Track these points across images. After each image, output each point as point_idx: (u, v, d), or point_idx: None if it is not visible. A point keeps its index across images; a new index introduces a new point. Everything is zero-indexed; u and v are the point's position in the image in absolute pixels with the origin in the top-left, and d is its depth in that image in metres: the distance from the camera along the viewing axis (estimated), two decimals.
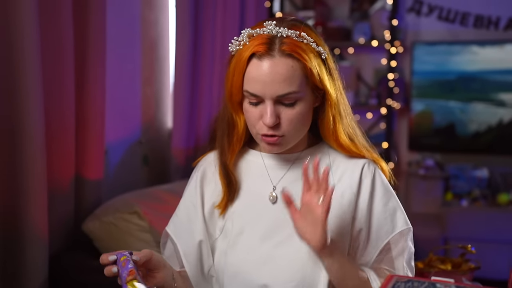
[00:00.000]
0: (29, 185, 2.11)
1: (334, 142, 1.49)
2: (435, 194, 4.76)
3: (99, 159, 2.62)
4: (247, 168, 1.57)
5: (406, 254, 1.49)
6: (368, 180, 1.50)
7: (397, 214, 1.50)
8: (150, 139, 3.44)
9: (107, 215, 2.48)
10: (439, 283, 1.00)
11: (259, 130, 1.42)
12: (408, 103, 4.99)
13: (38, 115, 2.11)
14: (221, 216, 1.55)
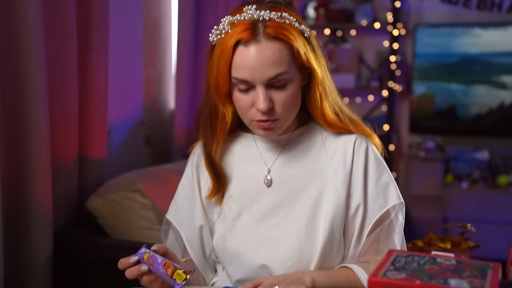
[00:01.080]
0: (34, 164, 2.13)
1: (321, 120, 1.50)
2: (435, 176, 4.77)
3: (102, 139, 2.64)
4: (240, 152, 1.58)
5: (397, 227, 1.50)
6: (361, 155, 1.50)
7: (389, 189, 1.50)
8: (152, 119, 3.45)
9: (111, 193, 2.51)
10: (439, 257, 1.01)
11: (253, 117, 1.42)
12: (409, 86, 5.00)
13: (42, 95, 2.12)
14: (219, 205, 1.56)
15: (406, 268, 0.94)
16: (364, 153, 1.50)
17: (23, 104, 2.08)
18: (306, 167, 1.52)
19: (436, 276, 0.90)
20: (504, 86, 4.73)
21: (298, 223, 1.46)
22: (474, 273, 0.92)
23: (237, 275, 1.50)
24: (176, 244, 1.60)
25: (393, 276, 0.90)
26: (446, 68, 4.86)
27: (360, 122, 1.55)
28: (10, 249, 2.08)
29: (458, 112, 4.86)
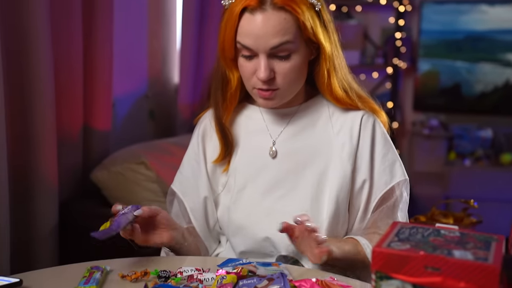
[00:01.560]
0: (39, 135, 2.14)
1: (329, 95, 1.50)
2: (439, 154, 4.78)
3: (107, 111, 2.65)
4: (246, 124, 1.58)
5: (402, 203, 1.51)
6: (368, 131, 1.50)
7: (395, 165, 1.51)
8: (156, 93, 3.45)
9: (115, 165, 2.52)
10: (443, 229, 1.02)
11: (254, 85, 1.42)
12: (414, 63, 4.98)
13: (48, 67, 2.13)
14: (224, 172, 1.57)
15: (410, 240, 0.95)
16: (371, 129, 1.51)
17: (29, 77, 2.09)
18: (312, 140, 1.52)
19: (440, 247, 0.90)
20: (510, 64, 4.71)
21: (302, 197, 1.47)
22: (478, 244, 0.93)
23: (241, 247, 1.52)
24: (181, 214, 1.62)
25: (397, 247, 0.91)
26: (451, 45, 4.84)
27: (368, 98, 1.55)
28: (17, 220, 2.10)
29: (463, 89, 4.85)
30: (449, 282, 0.86)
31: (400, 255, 0.89)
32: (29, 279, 1.22)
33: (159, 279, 1.26)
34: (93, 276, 1.23)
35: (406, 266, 0.89)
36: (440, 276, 0.87)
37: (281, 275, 1.19)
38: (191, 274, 1.27)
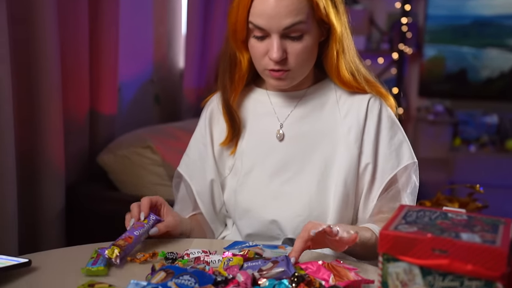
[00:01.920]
0: (46, 120, 2.15)
1: (336, 78, 1.49)
2: (443, 140, 4.78)
3: (113, 95, 2.65)
4: (253, 107, 1.58)
5: (410, 188, 1.50)
6: (374, 114, 1.50)
7: (402, 148, 1.50)
8: (161, 78, 3.45)
9: (121, 148, 2.53)
10: (450, 213, 1.02)
11: (265, 66, 1.42)
12: (420, 49, 4.96)
13: (54, 52, 2.14)
14: (231, 155, 1.57)
15: (417, 222, 0.95)
16: (378, 112, 1.50)
17: (36, 62, 2.10)
18: (319, 124, 1.52)
19: (448, 230, 0.91)
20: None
21: (309, 180, 1.47)
22: (485, 227, 0.93)
23: (248, 230, 1.52)
24: (187, 197, 1.62)
25: (404, 230, 0.91)
26: (458, 31, 4.82)
27: (376, 82, 1.54)
28: (24, 204, 2.12)
29: (469, 75, 4.84)
30: (456, 264, 0.87)
31: (408, 237, 0.90)
32: (37, 260, 1.23)
33: (166, 260, 1.27)
34: (101, 257, 1.23)
35: (414, 248, 0.89)
36: (447, 259, 0.87)
37: (285, 258, 1.20)
38: (198, 256, 1.28)
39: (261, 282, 1.12)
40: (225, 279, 1.13)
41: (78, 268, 1.20)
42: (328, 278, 1.14)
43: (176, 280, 1.09)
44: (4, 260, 1.17)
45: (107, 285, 1.09)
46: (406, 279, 0.91)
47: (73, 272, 1.19)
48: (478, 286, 0.86)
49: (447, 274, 0.88)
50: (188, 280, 1.10)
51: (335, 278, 1.14)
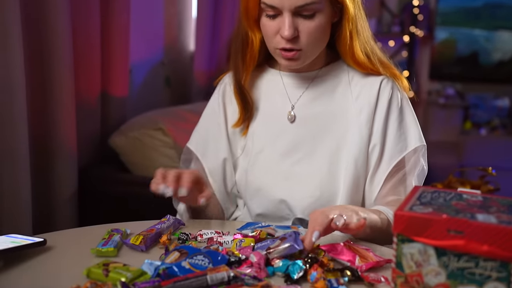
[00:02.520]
0: (58, 102, 2.16)
1: (350, 59, 1.48)
2: (454, 123, 4.76)
3: (124, 77, 2.66)
4: (266, 87, 1.58)
5: (417, 171, 1.50)
6: (386, 96, 1.49)
7: (411, 132, 1.49)
8: (172, 60, 3.44)
9: (133, 131, 2.54)
10: (466, 194, 1.02)
11: (276, 45, 1.41)
12: (431, 31, 4.93)
13: (66, 35, 2.14)
14: (243, 136, 1.57)
15: (432, 203, 0.95)
16: (389, 94, 1.49)
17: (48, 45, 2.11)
18: (331, 105, 1.52)
19: (463, 211, 0.91)
20: None
21: (320, 161, 1.47)
22: (501, 208, 0.93)
23: (258, 210, 1.53)
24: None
25: (419, 210, 0.91)
26: (470, 13, 4.77)
27: (390, 64, 1.53)
28: (38, 185, 2.13)
29: (480, 58, 4.80)
30: (472, 245, 0.87)
31: (423, 218, 0.90)
32: (52, 239, 1.24)
33: (178, 241, 1.27)
34: (112, 238, 1.24)
35: (429, 229, 0.89)
36: (463, 239, 0.87)
37: (293, 233, 1.20)
38: (211, 236, 1.28)
39: (275, 263, 1.13)
40: (239, 260, 1.14)
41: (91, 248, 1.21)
42: (354, 260, 1.14)
43: (190, 260, 1.09)
44: (20, 240, 1.19)
45: (121, 264, 1.10)
46: (421, 259, 0.91)
47: (87, 252, 1.20)
48: (494, 267, 0.87)
49: (462, 255, 0.88)
50: (202, 260, 1.11)
51: (361, 259, 1.14)
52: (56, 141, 2.18)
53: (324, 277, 1.07)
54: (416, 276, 0.92)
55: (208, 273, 1.02)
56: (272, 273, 1.12)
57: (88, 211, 2.36)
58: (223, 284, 1.02)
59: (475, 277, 0.88)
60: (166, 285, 0.99)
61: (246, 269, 1.10)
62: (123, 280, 1.02)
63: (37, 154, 2.13)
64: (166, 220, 1.36)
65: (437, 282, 0.90)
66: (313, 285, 1.06)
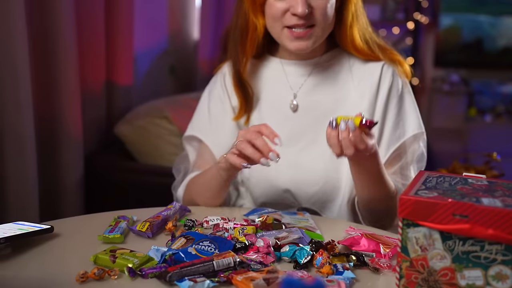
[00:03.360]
0: (63, 90, 2.16)
1: (350, 45, 1.49)
2: (459, 110, 4.76)
3: (129, 65, 2.66)
4: (266, 76, 1.57)
5: (417, 157, 1.51)
6: (387, 83, 1.50)
7: (411, 118, 1.50)
8: (176, 49, 3.44)
9: (138, 119, 2.54)
10: (471, 178, 1.02)
11: (287, 22, 1.40)
12: (436, 18, 4.90)
13: (70, 23, 2.14)
14: (245, 125, 1.57)
15: (437, 188, 0.96)
16: (390, 80, 1.50)
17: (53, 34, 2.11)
18: (333, 93, 1.52)
19: (468, 195, 0.91)
20: None
21: (323, 150, 1.46)
22: (506, 192, 0.93)
23: (262, 198, 1.53)
24: (208, 161, 1.58)
25: (424, 195, 0.92)
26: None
27: (391, 49, 1.53)
28: (45, 173, 2.14)
29: (485, 44, 4.79)
30: (477, 229, 0.87)
31: (428, 202, 0.90)
32: (59, 226, 1.25)
33: (184, 227, 1.28)
34: (118, 225, 1.25)
35: (434, 213, 0.90)
36: (468, 223, 0.88)
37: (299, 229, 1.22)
38: (217, 223, 1.29)
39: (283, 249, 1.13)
40: (245, 246, 1.15)
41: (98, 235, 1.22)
42: (378, 249, 1.15)
43: (196, 246, 1.10)
44: (27, 227, 1.20)
45: (128, 250, 1.11)
46: (426, 244, 0.92)
47: (94, 238, 1.21)
48: (499, 251, 0.87)
49: (467, 238, 0.89)
50: (208, 246, 1.12)
51: (384, 247, 1.15)
52: (62, 129, 2.19)
53: (330, 262, 1.08)
54: (422, 260, 0.92)
55: (214, 259, 1.03)
56: (279, 259, 1.13)
57: (94, 199, 2.37)
58: (230, 270, 1.03)
59: (481, 261, 0.88)
60: (172, 270, 1.00)
61: (253, 255, 1.11)
62: (130, 266, 1.03)
63: (43, 142, 2.14)
64: (172, 207, 1.37)
65: (442, 266, 0.91)
66: (319, 270, 1.07)
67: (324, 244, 1.14)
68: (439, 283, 0.91)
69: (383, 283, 1.06)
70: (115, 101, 2.63)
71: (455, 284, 0.90)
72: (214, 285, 0.99)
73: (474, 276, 0.89)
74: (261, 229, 1.26)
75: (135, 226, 1.25)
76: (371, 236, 1.19)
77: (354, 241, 1.18)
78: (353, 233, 1.22)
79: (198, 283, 0.97)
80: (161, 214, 1.31)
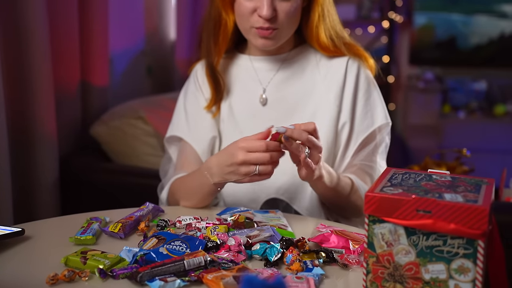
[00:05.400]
0: (37, 90, 2.14)
1: (315, 42, 1.54)
2: (433, 107, 4.81)
3: (104, 66, 2.65)
4: (236, 73, 1.62)
5: (382, 147, 1.56)
6: (352, 75, 1.55)
7: (378, 109, 1.55)
8: (153, 49, 3.43)
9: (114, 120, 2.53)
10: (435, 174, 1.04)
11: (254, 23, 1.45)
12: (410, 17, 4.95)
13: (43, 23, 2.13)
14: (214, 117, 1.60)
15: (402, 184, 0.98)
16: (356, 73, 1.55)
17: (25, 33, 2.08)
18: (301, 86, 1.57)
19: (432, 191, 0.93)
20: (505, 16, 4.69)
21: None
22: (468, 188, 0.95)
23: (231, 192, 1.54)
24: (193, 159, 1.60)
25: (389, 192, 0.94)
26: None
27: (355, 45, 1.58)
28: (18, 175, 2.13)
29: (458, 42, 4.84)
30: (439, 224, 0.89)
31: (393, 199, 0.92)
32: (31, 229, 1.25)
33: (157, 227, 1.29)
34: (91, 226, 1.25)
35: (398, 209, 0.92)
36: (431, 219, 0.90)
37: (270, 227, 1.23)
38: (189, 222, 1.30)
39: (254, 247, 1.15)
40: (216, 245, 1.16)
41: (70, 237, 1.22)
42: (348, 245, 1.17)
43: (168, 246, 1.11)
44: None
45: (99, 252, 1.11)
46: (392, 239, 0.94)
47: (66, 241, 1.21)
48: (461, 244, 0.89)
49: (430, 233, 0.91)
50: (179, 245, 1.12)
51: (353, 243, 1.17)
52: (36, 130, 2.17)
53: (300, 259, 1.10)
54: (387, 255, 0.94)
55: (185, 258, 1.04)
56: (250, 257, 1.14)
57: (70, 200, 2.36)
58: (201, 269, 1.04)
59: (444, 255, 0.90)
60: (143, 271, 1.00)
61: (224, 253, 1.13)
62: (100, 267, 1.04)
63: (17, 144, 2.13)
64: (145, 207, 1.38)
65: (407, 260, 0.93)
66: (289, 267, 1.08)
67: (295, 241, 1.16)
68: (404, 278, 0.93)
69: (351, 279, 1.08)
70: (91, 102, 2.61)
71: (420, 278, 0.92)
72: (185, 284, 1.00)
73: (438, 270, 0.91)
74: (233, 227, 1.27)
75: (107, 227, 1.26)
76: (341, 233, 1.21)
77: (324, 238, 1.19)
78: (323, 230, 1.25)
79: (169, 283, 0.98)
80: (133, 215, 1.32)
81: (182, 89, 1.71)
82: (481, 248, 0.88)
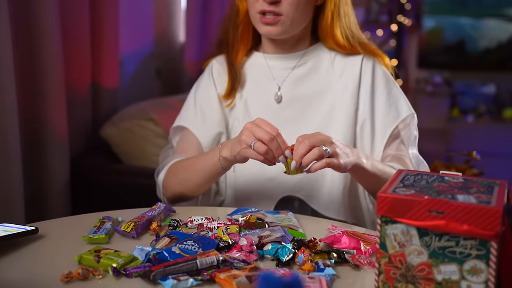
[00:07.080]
0: (49, 92, 2.16)
1: (331, 40, 1.55)
2: (442, 111, 4.80)
3: (115, 68, 2.66)
4: (251, 70, 1.63)
5: (412, 140, 1.56)
6: (368, 72, 1.56)
7: (400, 102, 1.56)
8: (162, 52, 3.45)
9: (124, 121, 2.55)
10: (447, 176, 1.04)
11: (258, 7, 1.47)
12: (419, 20, 4.95)
13: (55, 25, 2.14)
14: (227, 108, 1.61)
15: (415, 186, 0.98)
16: (371, 69, 1.56)
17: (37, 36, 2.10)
18: (316, 85, 1.58)
19: (444, 192, 0.93)
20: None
21: None
22: (481, 189, 0.96)
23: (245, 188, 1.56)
24: (193, 149, 1.62)
25: (402, 192, 0.94)
26: (456, 1, 4.80)
27: (371, 44, 1.59)
28: (30, 175, 2.14)
29: (467, 46, 4.84)
30: (452, 225, 0.89)
31: (405, 199, 0.92)
32: (44, 228, 1.26)
33: (168, 227, 1.30)
34: (103, 225, 1.26)
35: (411, 210, 0.92)
36: (443, 220, 0.90)
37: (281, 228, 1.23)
38: (201, 222, 1.31)
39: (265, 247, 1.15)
40: (228, 244, 1.16)
41: (83, 236, 1.23)
42: (359, 246, 1.17)
43: (180, 245, 1.12)
44: (12, 228, 1.20)
45: (112, 250, 1.12)
46: (404, 240, 0.94)
47: (79, 240, 1.22)
48: (473, 245, 0.89)
49: (443, 234, 0.91)
50: (192, 245, 1.13)
51: (365, 244, 1.17)
52: (47, 131, 2.19)
53: (312, 259, 1.10)
54: (400, 256, 0.94)
55: (198, 258, 1.04)
56: (262, 257, 1.14)
57: (81, 201, 2.37)
58: (213, 268, 1.05)
59: (456, 256, 0.91)
60: (156, 269, 1.01)
61: (236, 253, 1.13)
62: (114, 266, 1.04)
63: (29, 145, 2.15)
64: (157, 207, 1.38)
65: (419, 261, 0.93)
66: (301, 267, 1.09)
67: (306, 242, 1.16)
68: (416, 278, 0.94)
69: (363, 279, 1.08)
70: (101, 104, 2.63)
71: (432, 279, 0.92)
72: (198, 283, 1.00)
73: (450, 271, 0.91)
74: (244, 228, 1.28)
75: (120, 227, 1.26)
76: (352, 234, 1.21)
77: (335, 239, 1.20)
78: (334, 231, 1.25)
79: (182, 282, 0.99)
80: (145, 215, 1.32)
81: (195, 83, 1.72)
82: (494, 249, 0.88)
